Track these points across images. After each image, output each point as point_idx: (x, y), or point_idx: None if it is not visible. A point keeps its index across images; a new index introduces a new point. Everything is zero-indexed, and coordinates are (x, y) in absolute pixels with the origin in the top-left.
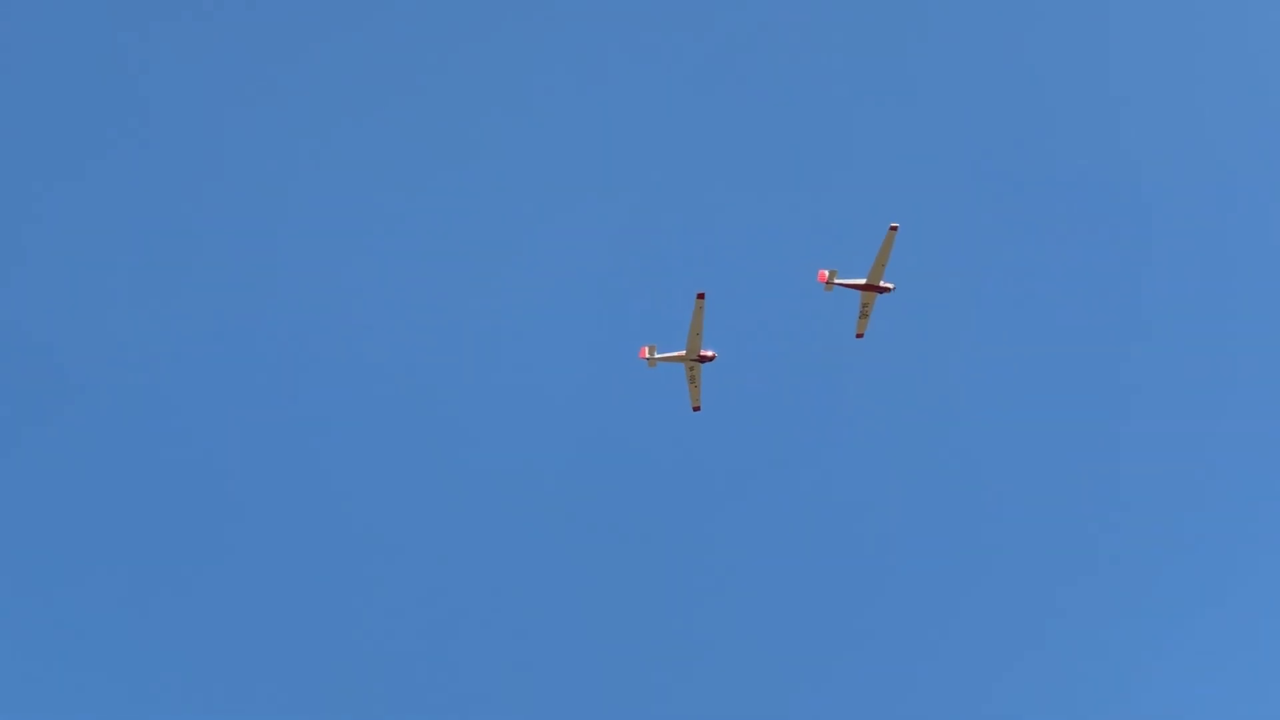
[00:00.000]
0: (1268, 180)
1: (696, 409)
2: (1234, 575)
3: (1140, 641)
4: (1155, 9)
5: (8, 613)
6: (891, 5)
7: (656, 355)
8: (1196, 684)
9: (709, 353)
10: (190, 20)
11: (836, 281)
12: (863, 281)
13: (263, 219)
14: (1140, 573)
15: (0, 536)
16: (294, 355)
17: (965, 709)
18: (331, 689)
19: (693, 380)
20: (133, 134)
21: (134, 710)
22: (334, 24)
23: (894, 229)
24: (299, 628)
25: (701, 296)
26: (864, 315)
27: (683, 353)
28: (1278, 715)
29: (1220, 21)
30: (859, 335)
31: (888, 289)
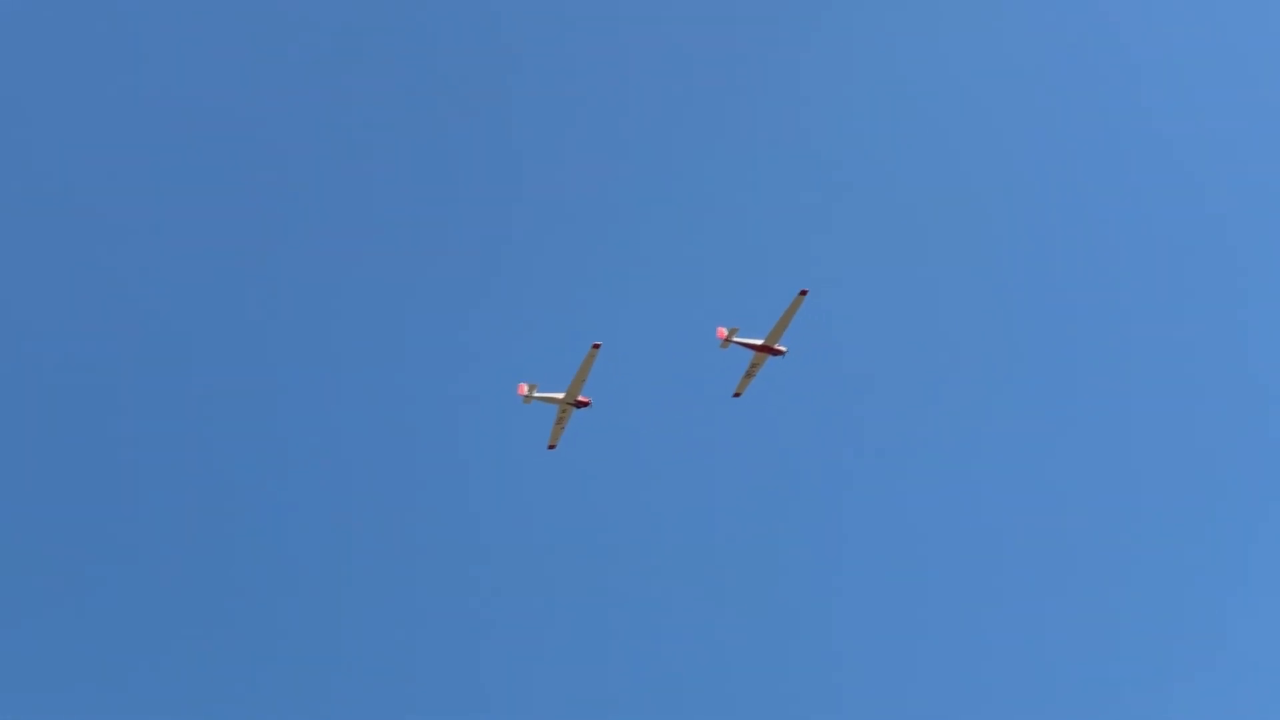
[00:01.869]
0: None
1: (552, 447)
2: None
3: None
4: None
5: None
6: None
7: (535, 394)
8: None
9: (585, 399)
10: None
11: (735, 340)
12: (760, 342)
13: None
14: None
15: None
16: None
17: None
18: None
19: (560, 422)
20: None
21: None
22: None
23: (803, 294)
24: None
25: (596, 347)
26: (749, 375)
27: (562, 395)
28: None
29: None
30: (737, 394)
31: (780, 352)
